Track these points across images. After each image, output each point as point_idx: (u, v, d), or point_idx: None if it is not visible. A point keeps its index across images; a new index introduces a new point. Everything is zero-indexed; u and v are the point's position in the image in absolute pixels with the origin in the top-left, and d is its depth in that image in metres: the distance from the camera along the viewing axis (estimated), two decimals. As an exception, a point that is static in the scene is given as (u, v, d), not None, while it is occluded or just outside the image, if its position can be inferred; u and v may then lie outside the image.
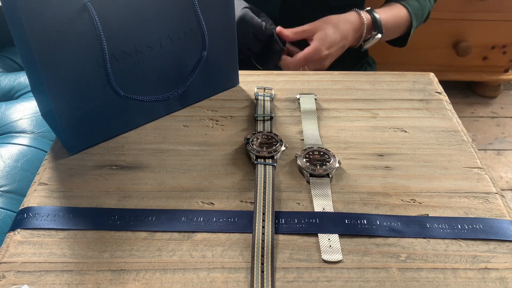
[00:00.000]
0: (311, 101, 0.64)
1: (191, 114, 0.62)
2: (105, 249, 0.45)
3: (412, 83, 0.68)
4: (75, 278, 0.42)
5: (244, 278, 0.42)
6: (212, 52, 0.61)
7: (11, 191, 0.67)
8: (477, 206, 0.49)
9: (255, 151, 0.54)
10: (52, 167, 0.54)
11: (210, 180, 0.52)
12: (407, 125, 0.60)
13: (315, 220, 0.47)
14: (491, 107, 1.74)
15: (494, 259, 0.44)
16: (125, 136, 0.58)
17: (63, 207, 0.49)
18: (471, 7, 1.50)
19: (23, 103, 0.84)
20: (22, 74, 0.93)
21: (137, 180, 0.52)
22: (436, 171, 0.53)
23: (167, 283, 0.42)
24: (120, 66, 0.54)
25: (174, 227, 0.46)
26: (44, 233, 0.46)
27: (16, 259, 0.43)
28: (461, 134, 0.59)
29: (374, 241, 0.45)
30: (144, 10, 0.52)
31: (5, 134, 0.77)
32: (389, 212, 0.48)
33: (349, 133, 0.59)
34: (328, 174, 0.52)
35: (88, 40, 0.50)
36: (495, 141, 1.58)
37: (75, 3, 0.47)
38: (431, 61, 1.62)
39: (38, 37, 0.46)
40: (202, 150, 0.56)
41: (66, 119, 0.53)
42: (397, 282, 0.42)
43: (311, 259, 0.44)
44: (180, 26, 0.56)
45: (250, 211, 0.48)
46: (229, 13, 0.60)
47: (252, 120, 0.61)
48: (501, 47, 1.60)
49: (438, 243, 0.45)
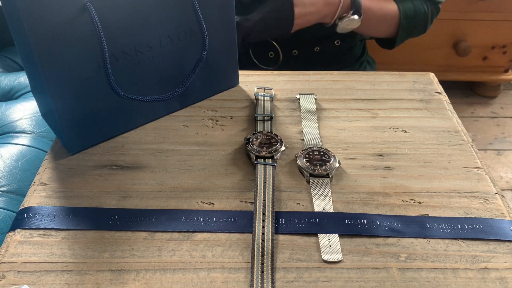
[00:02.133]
0: (311, 101, 0.64)
1: (191, 114, 0.62)
2: (105, 249, 0.45)
3: (412, 83, 0.68)
4: (75, 278, 0.42)
5: (244, 278, 0.42)
6: (212, 52, 0.61)
7: (11, 191, 0.67)
8: (477, 206, 0.49)
9: (255, 151, 0.54)
10: (52, 167, 0.54)
11: (210, 180, 0.52)
12: (407, 125, 0.60)
13: (315, 220, 0.47)
14: (491, 107, 1.74)
15: (494, 259, 0.44)
16: (125, 136, 0.58)
17: (63, 207, 0.49)
18: (471, 7, 1.50)
19: (23, 103, 0.83)
20: (22, 74, 0.93)
21: (137, 180, 0.52)
22: (436, 171, 0.53)
23: (167, 283, 0.42)
24: (120, 66, 0.54)
25: (174, 227, 0.46)
26: (44, 233, 0.46)
27: (16, 259, 0.43)
28: (461, 134, 0.59)
29: (374, 241, 0.45)
30: (144, 10, 0.53)
31: (5, 134, 0.77)
32: (389, 212, 0.48)
33: (349, 133, 0.59)
34: (328, 174, 0.52)
35: (88, 40, 0.50)
36: (495, 141, 1.58)
37: (75, 3, 0.47)
38: (431, 61, 1.62)
39: (38, 37, 0.46)
40: (202, 150, 0.56)
41: (66, 119, 0.53)
42: (397, 282, 0.42)
43: (311, 259, 0.44)
44: (180, 26, 0.56)
45: (250, 211, 0.48)
46: (229, 13, 0.60)
47: (252, 120, 0.61)
48: (501, 47, 1.60)
49: (438, 243, 0.45)
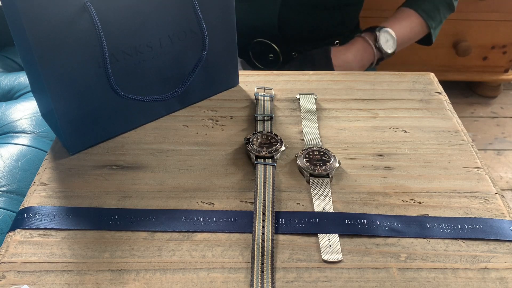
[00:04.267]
0: (311, 101, 0.64)
1: (191, 114, 0.62)
2: (105, 249, 0.45)
3: (412, 83, 0.68)
4: (75, 278, 0.42)
5: (244, 278, 0.42)
6: (212, 52, 0.61)
7: (11, 191, 0.67)
8: (477, 206, 0.49)
9: (255, 151, 0.54)
10: (52, 167, 0.54)
11: (210, 180, 0.52)
12: (407, 125, 0.60)
13: (315, 220, 0.47)
14: (491, 107, 1.73)
15: (494, 259, 0.44)
16: (125, 136, 0.58)
17: (63, 207, 0.49)
18: (471, 7, 1.49)
19: (23, 103, 0.83)
20: (22, 74, 0.93)
21: (137, 180, 0.52)
22: (436, 171, 0.53)
23: (167, 283, 0.42)
24: (120, 66, 0.54)
25: (174, 227, 0.46)
26: (44, 233, 0.46)
27: (16, 259, 0.43)
28: (461, 134, 0.59)
29: (374, 241, 0.45)
30: (144, 10, 0.53)
31: (5, 134, 0.77)
32: (389, 212, 0.48)
33: (349, 133, 0.59)
34: (328, 174, 0.52)
35: (88, 40, 0.50)
36: (495, 141, 1.58)
37: (75, 3, 0.47)
38: (431, 61, 1.62)
39: (38, 37, 0.46)
40: (202, 150, 0.56)
41: (66, 119, 0.53)
42: (397, 282, 0.42)
43: (311, 259, 0.44)
44: (180, 26, 0.56)
45: (250, 211, 0.48)
46: (229, 13, 0.60)
47: (252, 120, 0.61)
48: (501, 47, 1.60)
49: (438, 243, 0.45)
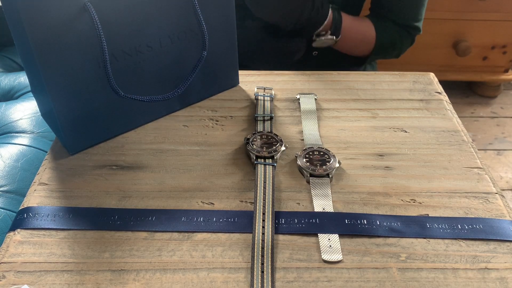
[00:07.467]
0: (311, 101, 0.64)
1: (191, 114, 0.62)
2: (105, 249, 0.44)
3: (412, 83, 0.68)
4: (75, 278, 0.42)
5: (244, 278, 0.42)
6: (212, 52, 0.61)
7: (11, 191, 0.67)
8: (477, 206, 0.49)
9: (255, 151, 0.54)
10: (52, 167, 0.54)
11: (210, 180, 0.52)
12: (407, 125, 0.60)
13: (315, 220, 0.47)
14: (491, 107, 1.73)
15: (494, 259, 0.44)
16: (125, 136, 0.58)
17: (63, 207, 0.49)
18: (471, 7, 1.49)
19: (23, 103, 0.84)
20: (22, 74, 0.93)
21: (137, 180, 0.52)
22: (436, 171, 0.53)
23: (167, 283, 0.42)
24: (120, 66, 0.54)
25: (174, 227, 0.46)
26: (44, 233, 0.46)
27: (16, 259, 0.43)
28: (461, 134, 0.59)
29: (374, 241, 0.45)
30: (144, 10, 0.52)
31: (5, 134, 0.77)
32: (389, 212, 0.48)
33: (349, 133, 0.59)
34: (328, 174, 0.52)
35: (88, 40, 0.50)
36: (495, 141, 1.58)
37: (75, 3, 0.47)
38: (431, 61, 1.62)
39: (38, 37, 0.46)
40: (202, 150, 0.56)
41: (66, 119, 0.53)
42: (397, 282, 0.42)
43: (311, 259, 0.44)
44: (180, 26, 0.56)
45: (250, 211, 0.48)
46: (229, 13, 0.60)
47: (252, 120, 0.61)
48: (501, 47, 1.60)
49: (438, 243, 0.45)
